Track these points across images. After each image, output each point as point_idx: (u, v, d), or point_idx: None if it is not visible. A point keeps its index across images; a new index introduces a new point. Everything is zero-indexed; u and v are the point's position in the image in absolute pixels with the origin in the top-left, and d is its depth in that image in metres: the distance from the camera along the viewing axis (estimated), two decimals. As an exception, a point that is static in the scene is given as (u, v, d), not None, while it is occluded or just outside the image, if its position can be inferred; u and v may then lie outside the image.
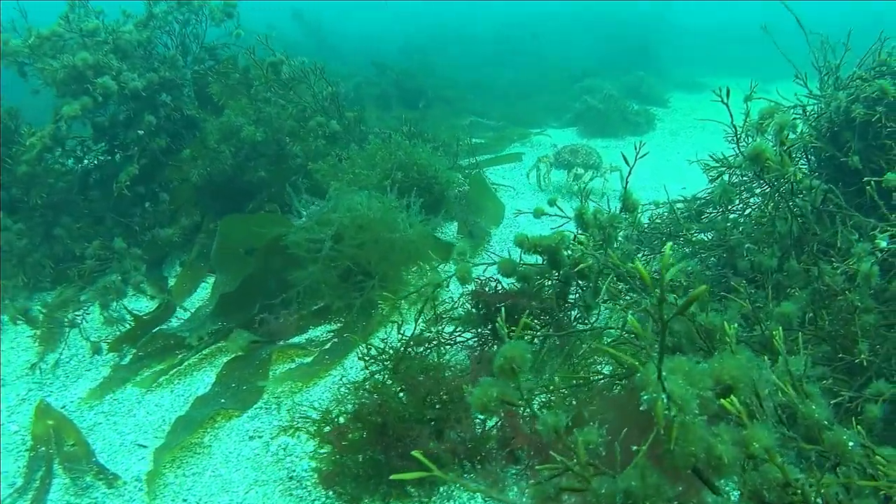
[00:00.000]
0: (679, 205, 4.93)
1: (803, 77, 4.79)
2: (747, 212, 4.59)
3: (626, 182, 3.44)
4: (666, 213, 4.85)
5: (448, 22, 21.99)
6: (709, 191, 4.82)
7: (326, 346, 4.14)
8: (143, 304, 5.14)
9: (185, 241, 5.96)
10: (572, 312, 3.47)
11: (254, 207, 6.03)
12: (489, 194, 6.62)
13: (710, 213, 4.78)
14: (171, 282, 5.48)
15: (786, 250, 3.48)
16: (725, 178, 4.59)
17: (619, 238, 3.72)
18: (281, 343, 4.22)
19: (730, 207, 4.68)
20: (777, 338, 2.02)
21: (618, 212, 3.51)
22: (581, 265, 2.80)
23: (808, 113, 4.27)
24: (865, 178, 3.25)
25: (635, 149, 3.35)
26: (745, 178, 4.56)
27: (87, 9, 6.34)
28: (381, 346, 3.18)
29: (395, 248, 4.56)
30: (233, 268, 4.93)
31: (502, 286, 3.47)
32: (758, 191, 4.55)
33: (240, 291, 4.62)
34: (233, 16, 6.91)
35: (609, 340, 3.14)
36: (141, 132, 6.16)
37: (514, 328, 2.05)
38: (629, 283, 3.00)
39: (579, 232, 3.35)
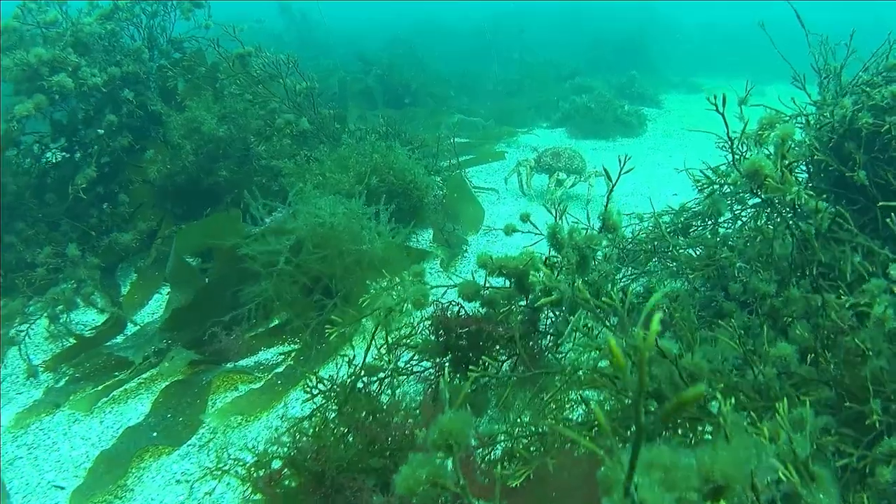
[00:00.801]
0: (665, 217, 4.58)
1: (801, 80, 4.45)
2: (738, 224, 4.25)
3: (608, 201, 3.08)
4: (650, 227, 4.49)
5: (437, 16, 21.58)
6: (698, 201, 4.48)
7: (279, 371, 3.77)
8: (94, 317, 4.77)
9: (143, 245, 5.59)
10: (543, 340, 3.12)
11: (216, 212, 5.66)
12: (469, 198, 6.26)
13: (699, 226, 4.44)
14: (126, 289, 5.11)
15: (784, 275, 3.13)
16: (716, 188, 4.24)
17: (598, 257, 3.37)
18: (227, 366, 3.85)
19: (720, 220, 4.36)
20: (782, 413, 1.66)
21: (597, 230, 3.16)
22: (547, 298, 2.44)
23: (808, 121, 3.92)
24: (880, 204, 2.91)
25: (619, 163, 3.00)
26: (737, 189, 4.21)
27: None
28: (333, 375, 2.83)
29: (361, 261, 4.20)
30: (188, 280, 4.56)
31: (465, 310, 3.11)
32: (751, 202, 4.21)
33: (193, 306, 4.25)
34: (202, 6, 6.53)
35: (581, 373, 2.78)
36: (101, 132, 5.78)
37: (475, 362, 1.69)
38: (602, 320, 2.65)
39: (551, 254, 3.00)
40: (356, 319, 2.97)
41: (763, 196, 2.90)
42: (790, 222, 2.99)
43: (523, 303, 3.06)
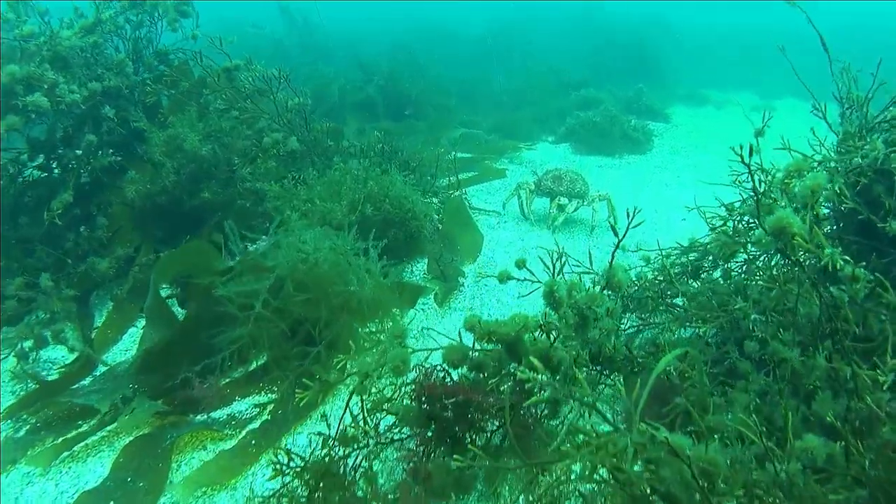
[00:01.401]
0: (673, 256, 4.27)
1: (822, 109, 4.15)
2: (752, 267, 3.93)
3: (613, 257, 2.79)
4: (657, 268, 4.18)
5: (440, 21, 21.25)
6: (709, 237, 4.16)
7: (253, 427, 3.47)
8: (65, 353, 4.48)
9: (120, 271, 5.30)
10: (537, 409, 2.81)
11: (197, 237, 5.38)
12: (467, 223, 5.96)
13: (709, 267, 4.13)
14: (101, 320, 4.83)
15: (807, 338, 2.82)
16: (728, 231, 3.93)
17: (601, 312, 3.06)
18: (196, 421, 3.55)
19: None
20: None
21: (600, 279, 2.86)
22: (537, 398, 2.13)
23: (830, 159, 3.61)
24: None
25: (628, 216, 2.70)
26: (759, 249, 3.90)
27: (29, 7, 5.70)
28: (310, 435, 2.52)
29: (348, 304, 3.89)
30: (164, 317, 4.27)
31: (451, 377, 2.81)
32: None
33: (166, 348, 3.96)
34: (189, 15, 6.23)
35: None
36: (79, 152, 5.50)
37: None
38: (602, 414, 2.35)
39: (547, 312, 2.70)
40: (330, 387, 2.66)
41: (792, 258, 2.58)
42: (816, 284, 2.67)
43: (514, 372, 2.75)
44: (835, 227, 3.59)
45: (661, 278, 4.08)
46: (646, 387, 1.96)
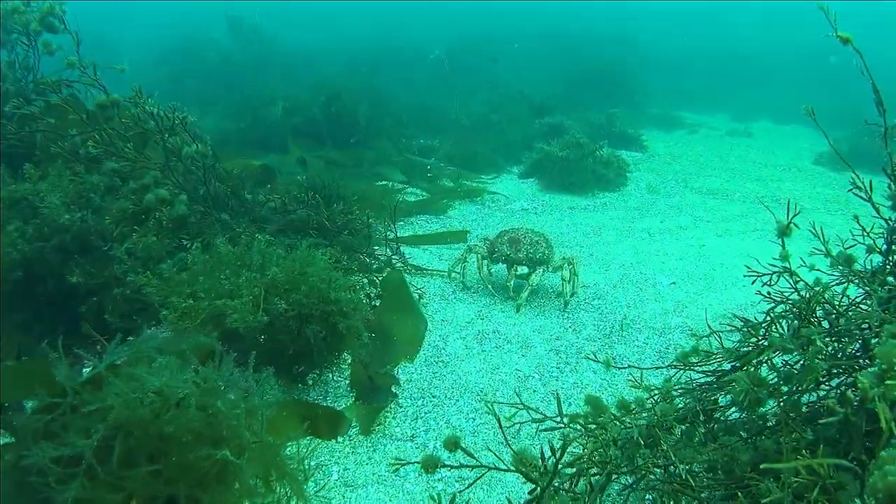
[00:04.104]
0: (675, 378, 3.15)
1: (866, 189, 3.04)
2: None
3: None
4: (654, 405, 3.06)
5: (407, 41, 20.01)
6: (725, 359, 3.05)
7: None
8: None
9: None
10: None
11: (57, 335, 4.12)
12: (408, 306, 4.77)
13: (725, 405, 3.01)
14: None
15: None
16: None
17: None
18: None
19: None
20: None
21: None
22: None
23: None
24: None
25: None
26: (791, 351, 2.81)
27: None
28: None
29: (224, 473, 2.70)
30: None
31: None
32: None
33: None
34: (56, 30, 4.97)
35: None
36: None
37: None
38: None
39: None
40: None
41: None
42: None
43: None
44: None
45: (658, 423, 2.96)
46: None
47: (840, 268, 2.76)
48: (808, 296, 2.70)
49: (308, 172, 8.16)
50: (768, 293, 2.87)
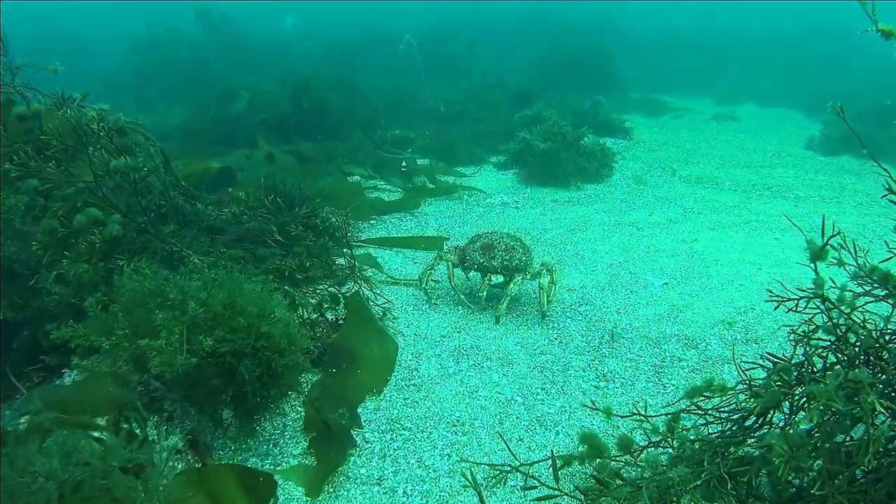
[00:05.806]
0: (688, 427, 2.72)
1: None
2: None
3: None
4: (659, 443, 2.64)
5: (385, 27, 19.33)
6: (743, 407, 2.61)
7: None
8: None
9: None
10: None
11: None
12: (373, 330, 4.25)
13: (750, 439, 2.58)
14: None
15: None
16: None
17: None
18: None
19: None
20: None
21: None
22: None
23: None
24: None
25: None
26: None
27: None
28: None
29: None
30: None
31: None
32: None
33: None
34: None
35: None
36: None
37: None
38: None
39: None
40: None
41: None
42: None
43: None
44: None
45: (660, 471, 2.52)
46: None
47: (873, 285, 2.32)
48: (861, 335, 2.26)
49: (275, 169, 7.66)
50: (803, 331, 2.42)
